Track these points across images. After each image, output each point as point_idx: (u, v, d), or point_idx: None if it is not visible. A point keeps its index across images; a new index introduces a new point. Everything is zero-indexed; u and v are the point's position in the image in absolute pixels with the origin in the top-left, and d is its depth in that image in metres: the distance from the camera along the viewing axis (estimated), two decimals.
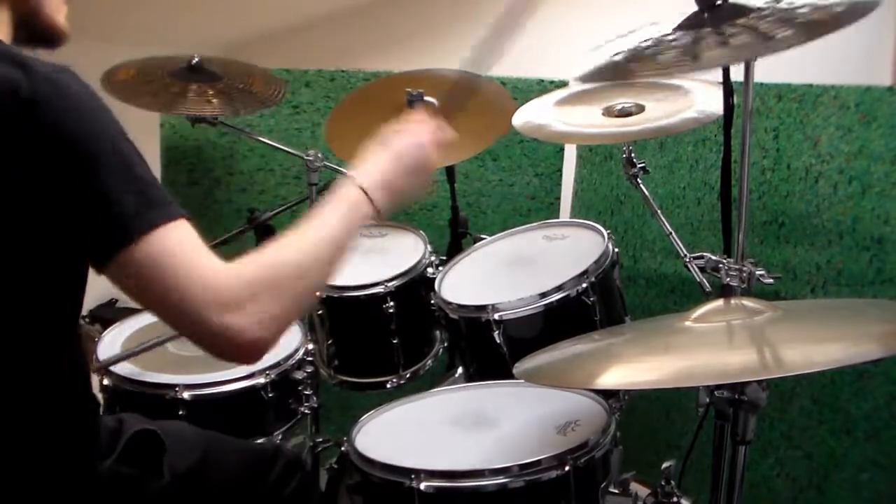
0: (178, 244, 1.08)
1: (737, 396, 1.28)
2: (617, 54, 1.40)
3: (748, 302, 1.29)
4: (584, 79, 1.46)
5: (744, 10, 1.32)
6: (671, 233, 1.90)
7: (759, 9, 1.31)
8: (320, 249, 1.19)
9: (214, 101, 2.25)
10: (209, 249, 1.11)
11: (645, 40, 1.38)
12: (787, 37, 1.20)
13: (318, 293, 1.20)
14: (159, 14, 3.06)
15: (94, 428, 1.30)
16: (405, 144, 1.36)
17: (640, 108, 1.92)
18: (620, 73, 1.39)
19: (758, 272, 1.47)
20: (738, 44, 1.24)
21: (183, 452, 1.40)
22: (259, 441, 1.81)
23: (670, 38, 1.35)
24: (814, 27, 1.20)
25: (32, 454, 1.19)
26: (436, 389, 1.76)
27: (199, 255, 1.09)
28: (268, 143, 2.49)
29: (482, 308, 1.77)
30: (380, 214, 1.28)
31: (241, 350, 1.10)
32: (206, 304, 1.07)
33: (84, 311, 1.37)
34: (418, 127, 1.39)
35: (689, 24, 1.36)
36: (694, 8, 1.38)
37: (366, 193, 1.26)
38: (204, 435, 1.52)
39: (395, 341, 2.01)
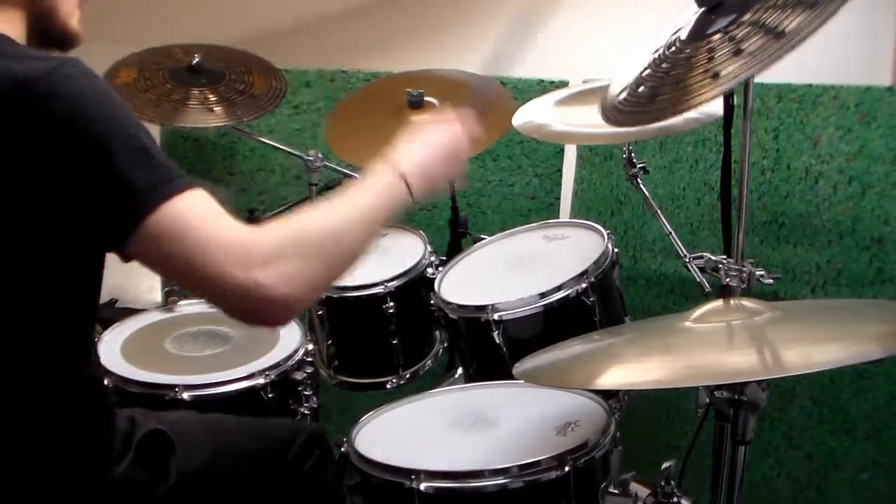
0: (197, 211, 1.09)
1: (736, 397, 1.28)
2: (640, 85, 1.36)
3: (748, 302, 1.29)
4: (615, 122, 1.43)
5: (746, 3, 1.30)
6: (671, 233, 1.90)
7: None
8: (354, 219, 1.19)
9: (216, 109, 2.26)
10: (229, 215, 1.11)
11: (660, 59, 1.36)
12: (799, 26, 1.17)
13: (346, 268, 1.20)
14: (159, 15, 3.07)
15: (108, 433, 1.30)
16: (438, 133, 1.37)
17: None
18: (652, 114, 1.35)
19: (758, 272, 1.46)
20: (752, 49, 1.21)
21: (193, 447, 1.40)
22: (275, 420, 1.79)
23: (685, 55, 1.33)
24: (820, 5, 1.17)
25: (47, 460, 1.19)
26: (435, 390, 1.76)
27: (219, 218, 1.10)
28: (268, 144, 2.49)
29: (482, 308, 1.77)
30: (414, 199, 1.28)
31: (270, 307, 1.09)
32: (229, 261, 1.07)
33: None
34: (448, 120, 1.40)
35: (697, 34, 1.34)
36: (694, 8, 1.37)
37: (402, 176, 1.27)
38: (214, 422, 1.51)
39: (394, 342, 2.01)
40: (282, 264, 1.09)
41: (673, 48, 1.35)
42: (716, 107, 1.77)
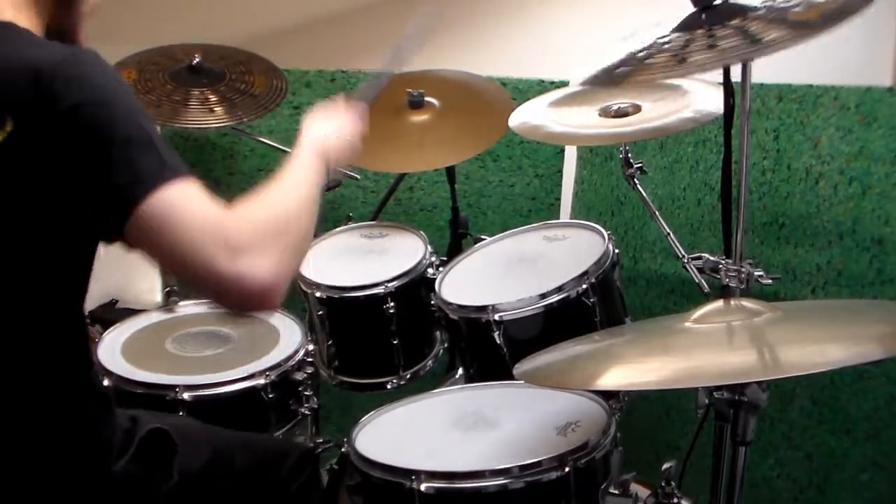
0: (186, 198, 1.11)
1: (737, 397, 1.29)
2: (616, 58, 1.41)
3: (748, 303, 1.30)
4: (584, 83, 1.50)
5: (739, 10, 1.32)
6: (669, 233, 1.90)
7: (755, 8, 1.32)
8: (302, 203, 1.26)
9: (217, 109, 2.26)
10: (211, 199, 1.14)
11: (643, 46, 1.39)
12: (775, 39, 1.21)
13: (308, 243, 1.30)
14: (158, 15, 3.07)
15: (108, 428, 1.31)
16: (332, 117, 1.50)
17: (637, 109, 1.92)
18: (613, 78, 1.41)
19: (756, 273, 1.47)
20: (725, 46, 1.25)
21: (193, 451, 1.41)
22: (268, 436, 1.81)
23: (663, 41, 1.36)
24: (804, 27, 1.21)
25: (47, 455, 1.20)
26: (436, 390, 1.76)
27: (206, 206, 1.13)
28: (268, 144, 2.49)
29: (482, 309, 1.77)
30: (329, 171, 1.38)
31: (256, 294, 1.12)
32: (217, 250, 1.10)
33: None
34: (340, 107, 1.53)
35: (685, 27, 1.37)
36: (692, 8, 1.38)
37: (324, 159, 1.37)
38: (213, 432, 1.53)
39: (395, 342, 2.01)
40: (265, 251, 1.13)
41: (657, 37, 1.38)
42: (715, 106, 1.78)
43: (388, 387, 2.05)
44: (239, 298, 1.13)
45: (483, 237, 2.12)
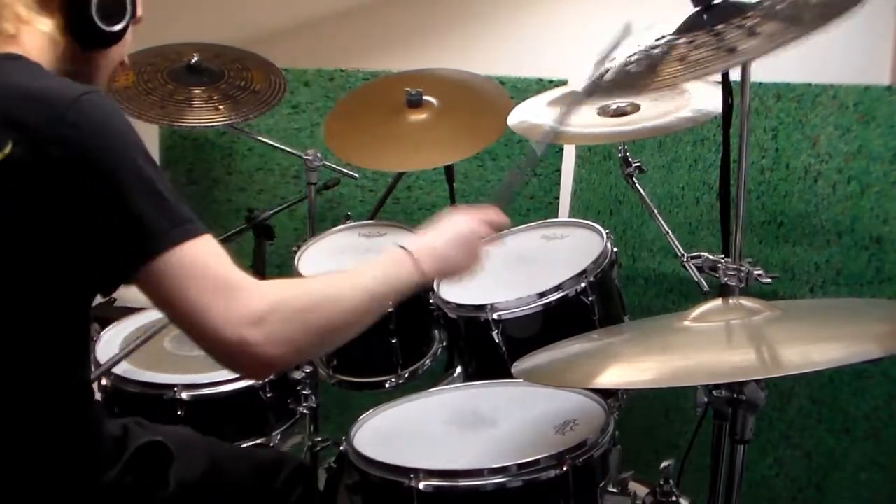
0: (204, 259, 1.11)
1: (735, 396, 1.28)
2: (629, 64, 1.39)
3: (747, 301, 1.29)
4: (588, 91, 1.46)
5: (741, 8, 1.31)
6: (668, 232, 1.90)
7: (759, 3, 1.30)
8: (354, 295, 1.21)
9: (221, 107, 2.26)
10: (233, 263, 1.13)
11: (654, 47, 1.37)
12: (813, 17, 1.18)
13: (342, 337, 1.23)
14: (157, 15, 3.06)
15: (97, 437, 1.31)
16: (454, 220, 1.41)
17: (636, 108, 1.92)
18: (642, 81, 1.37)
19: (755, 272, 1.47)
20: (769, 31, 1.22)
21: (190, 461, 1.41)
22: (260, 444, 1.82)
23: (680, 40, 1.34)
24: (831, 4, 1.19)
25: (34, 464, 1.19)
26: (434, 389, 1.76)
27: (223, 269, 1.12)
28: (267, 143, 2.49)
29: (481, 307, 1.77)
30: (425, 276, 1.31)
31: (252, 365, 1.13)
32: (225, 318, 1.09)
33: None
34: (470, 211, 1.44)
35: (688, 27, 1.35)
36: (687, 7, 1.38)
37: (410, 254, 1.30)
38: (210, 442, 1.53)
39: (393, 341, 2.00)
40: (272, 326, 1.11)
41: (663, 39, 1.36)
42: (714, 105, 1.78)
43: (387, 385, 2.05)
44: (233, 363, 1.14)
45: None
